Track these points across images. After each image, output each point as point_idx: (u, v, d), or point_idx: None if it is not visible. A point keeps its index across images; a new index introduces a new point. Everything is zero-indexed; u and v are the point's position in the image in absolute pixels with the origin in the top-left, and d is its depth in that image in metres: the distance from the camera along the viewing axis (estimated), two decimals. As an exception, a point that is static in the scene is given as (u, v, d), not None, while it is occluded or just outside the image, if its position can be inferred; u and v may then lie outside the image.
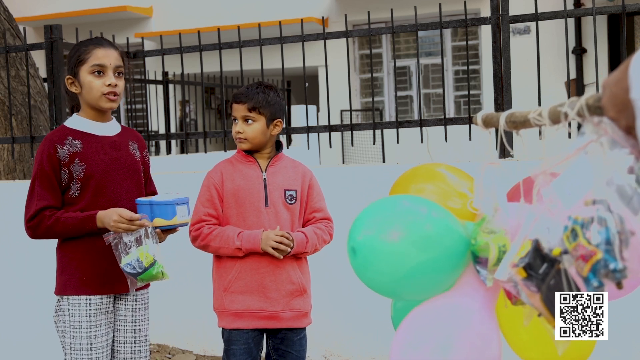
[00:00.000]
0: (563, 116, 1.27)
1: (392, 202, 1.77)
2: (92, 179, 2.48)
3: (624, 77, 1.04)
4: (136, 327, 2.60)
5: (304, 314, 2.74)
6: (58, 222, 2.43)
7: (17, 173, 5.14)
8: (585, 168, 1.30)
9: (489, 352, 1.66)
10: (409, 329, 1.71)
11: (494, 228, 1.59)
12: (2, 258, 4.31)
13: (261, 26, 4.74)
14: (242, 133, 2.69)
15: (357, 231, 1.70)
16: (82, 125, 2.54)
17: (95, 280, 2.49)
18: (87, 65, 2.51)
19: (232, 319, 2.69)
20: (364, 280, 1.74)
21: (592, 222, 1.28)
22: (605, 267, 1.27)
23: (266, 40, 4.57)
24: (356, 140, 8.81)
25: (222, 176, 2.72)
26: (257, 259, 2.66)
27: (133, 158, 2.61)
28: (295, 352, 2.74)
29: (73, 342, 2.46)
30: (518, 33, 10.69)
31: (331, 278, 3.97)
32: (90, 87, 2.50)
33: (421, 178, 1.92)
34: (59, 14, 12.46)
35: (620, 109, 1.06)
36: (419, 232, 1.65)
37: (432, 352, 1.63)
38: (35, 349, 4.17)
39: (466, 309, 1.67)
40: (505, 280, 1.46)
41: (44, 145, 2.47)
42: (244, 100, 2.70)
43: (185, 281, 4.22)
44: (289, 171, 2.76)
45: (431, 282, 1.70)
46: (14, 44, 5.15)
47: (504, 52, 4.05)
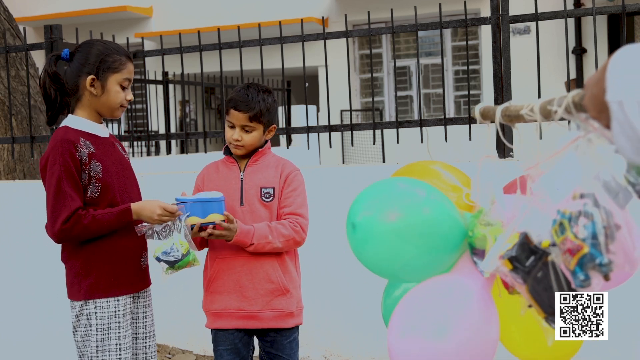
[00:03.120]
0: (553, 112, 1.29)
1: (391, 184, 1.78)
2: (109, 179, 2.48)
3: (602, 78, 1.05)
4: (146, 322, 2.62)
5: (288, 314, 2.69)
6: (95, 220, 2.39)
7: (17, 173, 5.14)
8: (573, 163, 1.32)
9: (488, 333, 1.66)
10: (407, 308, 1.71)
11: (491, 220, 1.61)
12: (2, 258, 4.30)
13: (261, 26, 4.74)
14: (240, 141, 2.68)
15: (356, 212, 1.71)
16: (86, 126, 2.51)
17: (122, 280, 2.49)
18: (120, 76, 2.49)
19: (213, 319, 2.73)
20: (361, 259, 1.75)
21: (579, 216, 1.31)
22: (592, 261, 1.29)
23: (266, 40, 4.57)
24: (356, 140, 8.81)
25: (204, 178, 2.79)
26: (233, 258, 2.66)
27: (126, 158, 2.64)
28: (286, 356, 2.72)
29: (101, 345, 2.45)
30: (518, 33, 10.69)
31: (331, 278, 3.97)
32: (116, 97, 2.50)
33: (416, 174, 1.93)
34: (59, 14, 12.47)
35: (600, 109, 1.08)
36: (417, 214, 1.67)
37: (430, 332, 1.63)
38: (35, 349, 4.17)
39: (466, 288, 1.67)
40: (492, 271, 1.48)
41: (63, 145, 2.40)
42: (244, 109, 2.66)
43: (185, 281, 4.22)
44: (269, 169, 2.74)
45: (428, 264, 1.71)
46: (14, 44, 5.15)
47: (504, 52, 4.05)
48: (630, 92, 0.99)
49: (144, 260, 2.60)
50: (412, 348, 1.64)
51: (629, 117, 0.99)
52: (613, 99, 1.02)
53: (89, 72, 2.48)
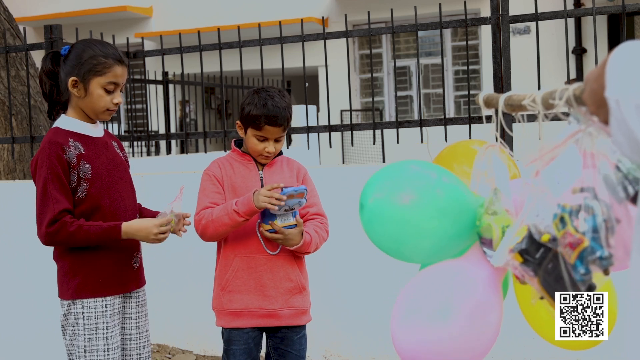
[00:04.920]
0: (554, 104, 1.30)
1: (404, 166, 1.78)
2: (98, 180, 2.46)
3: (602, 74, 1.06)
4: (140, 323, 2.61)
5: (303, 311, 2.74)
6: (81, 230, 2.37)
7: (17, 173, 5.14)
8: (574, 157, 1.32)
9: (489, 321, 1.66)
10: (412, 292, 1.72)
11: (497, 209, 1.60)
12: (2, 258, 4.30)
13: (261, 26, 4.74)
14: (272, 152, 2.70)
15: (368, 194, 1.71)
16: (76, 127, 2.49)
17: (110, 281, 2.48)
18: (103, 79, 2.45)
19: (231, 318, 2.69)
20: (371, 238, 1.74)
21: (579, 210, 1.31)
22: (592, 255, 1.29)
23: (266, 40, 4.57)
24: (356, 140, 8.81)
25: (221, 170, 2.73)
26: (254, 256, 2.66)
27: (121, 158, 2.61)
28: (295, 352, 2.74)
29: (89, 345, 2.44)
30: (518, 33, 10.69)
31: (331, 278, 3.97)
32: (98, 101, 2.46)
33: (459, 155, 1.93)
34: (59, 14, 12.47)
35: (599, 104, 1.08)
36: (428, 197, 1.66)
37: (432, 316, 1.63)
38: (34, 349, 4.17)
39: (470, 275, 1.67)
40: (503, 265, 1.48)
41: (50, 148, 2.40)
42: (281, 123, 2.66)
43: (186, 281, 4.22)
44: (284, 169, 2.78)
45: (437, 247, 1.70)
46: (14, 44, 5.15)
47: (504, 52, 4.05)
48: (627, 91, 1.00)
49: (136, 260, 2.58)
50: (413, 332, 1.65)
51: (625, 117, 1.00)
52: (612, 95, 1.03)
53: (74, 73, 2.47)
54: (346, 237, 3.72)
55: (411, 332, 1.66)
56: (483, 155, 1.67)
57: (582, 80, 1.21)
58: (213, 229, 2.61)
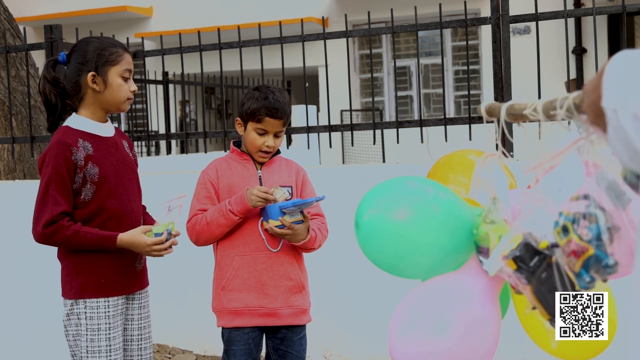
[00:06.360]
0: (555, 113, 1.30)
1: (400, 182, 1.78)
2: (106, 182, 2.45)
3: (599, 84, 1.07)
4: (142, 324, 2.60)
5: (303, 310, 2.73)
6: (77, 235, 2.38)
7: (17, 173, 5.14)
8: (576, 164, 1.32)
9: (486, 335, 1.66)
10: (408, 306, 1.72)
11: (495, 218, 1.60)
12: (2, 258, 4.31)
13: (261, 26, 4.74)
14: (272, 147, 2.70)
15: (364, 210, 1.71)
16: (87, 126, 2.48)
17: (113, 281, 2.47)
18: (119, 68, 2.46)
19: (231, 317, 2.68)
20: (368, 255, 1.74)
21: (582, 218, 1.30)
22: (597, 263, 1.29)
23: (266, 40, 4.57)
24: (356, 140, 8.81)
25: (217, 172, 2.73)
26: (255, 255, 2.66)
27: (130, 158, 2.60)
28: (296, 352, 2.73)
29: (91, 345, 2.44)
30: (518, 33, 10.69)
31: (331, 278, 3.97)
32: (119, 90, 2.47)
33: (455, 166, 1.93)
34: (59, 14, 12.47)
35: (597, 114, 1.09)
36: (425, 213, 1.67)
37: (429, 330, 1.64)
38: (35, 349, 4.17)
39: (467, 290, 1.67)
40: (497, 272, 1.48)
41: (59, 148, 2.39)
42: (281, 116, 2.67)
43: (186, 281, 4.22)
44: (282, 169, 2.78)
45: (434, 262, 1.71)
46: (14, 44, 5.15)
47: (504, 52, 4.05)
48: (625, 101, 1.01)
49: (140, 262, 2.58)
50: (411, 346, 1.65)
51: (623, 126, 1.00)
52: (609, 106, 1.03)
53: (88, 69, 2.46)
54: (346, 237, 3.71)
55: (408, 346, 1.66)
56: (483, 164, 1.67)
57: (583, 80, 1.21)
58: (208, 232, 2.64)
